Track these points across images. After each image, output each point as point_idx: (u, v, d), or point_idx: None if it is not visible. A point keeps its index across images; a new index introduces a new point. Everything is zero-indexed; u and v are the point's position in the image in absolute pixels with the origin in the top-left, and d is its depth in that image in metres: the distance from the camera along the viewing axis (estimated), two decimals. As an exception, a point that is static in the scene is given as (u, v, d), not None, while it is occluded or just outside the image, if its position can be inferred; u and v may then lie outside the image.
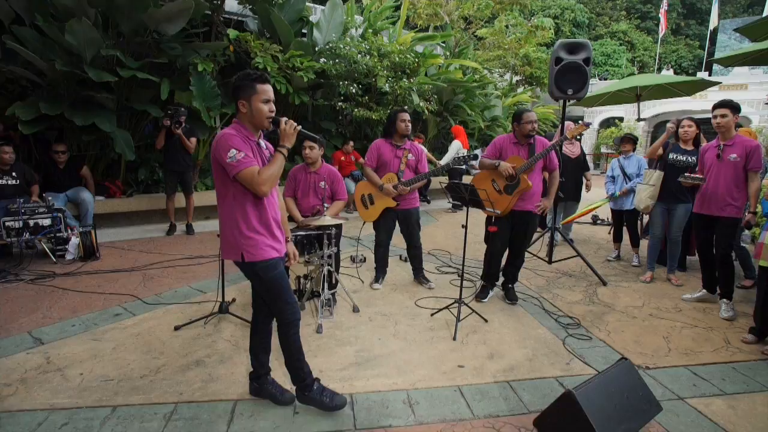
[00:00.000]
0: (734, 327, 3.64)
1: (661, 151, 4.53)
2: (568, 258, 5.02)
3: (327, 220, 3.49)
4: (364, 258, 5.16)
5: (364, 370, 2.84)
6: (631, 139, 5.58)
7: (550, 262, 5.02)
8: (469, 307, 3.63)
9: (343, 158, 8.13)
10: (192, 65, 6.19)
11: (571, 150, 5.77)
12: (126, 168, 6.71)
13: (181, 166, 5.87)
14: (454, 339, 3.28)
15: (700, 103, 15.18)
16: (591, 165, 7.04)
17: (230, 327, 3.40)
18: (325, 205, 3.82)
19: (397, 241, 4.71)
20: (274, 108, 2.19)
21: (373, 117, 7.85)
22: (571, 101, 5.02)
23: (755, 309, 3.45)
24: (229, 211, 2.17)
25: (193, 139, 5.86)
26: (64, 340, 3.13)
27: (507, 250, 4.08)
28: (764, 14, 14.95)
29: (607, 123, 20.23)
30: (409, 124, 4.13)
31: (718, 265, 3.93)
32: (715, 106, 3.84)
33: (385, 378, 2.76)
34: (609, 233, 6.70)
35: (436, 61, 8.82)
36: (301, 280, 4.02)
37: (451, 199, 3.74)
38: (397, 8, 9.92)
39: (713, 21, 18.09)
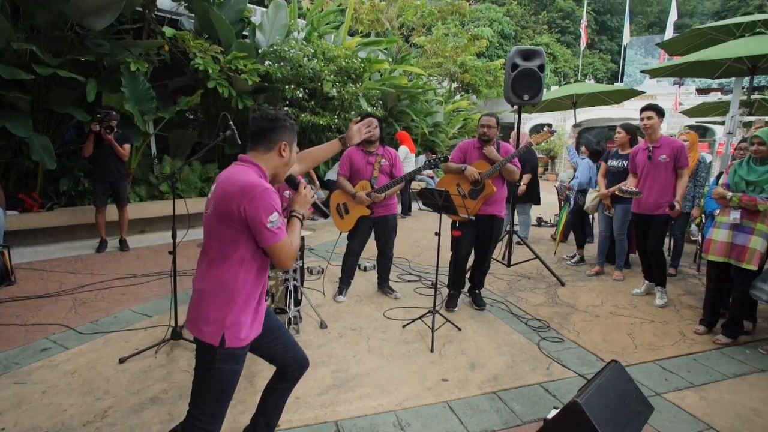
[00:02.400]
0: (685, 320, 3.86)
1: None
2: (526, 261, 5.12)
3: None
4: (323, 269, 4.92)
5: (345, 393, 2.63)
6: (587, 148, 5.88)
7: (508, 265, 5.09)
8: (443, 316, 3.54)
9: (289, 165, 7.79)
10: (123, 65, 5.62)
11: None
12: (44, 178, 5.93)
13: (113, 176, 5.27)
14: (432, 351, 3.17)
15: (618, 111, 16.43)
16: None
17: (186, 354, 3.03)
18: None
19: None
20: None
21: (321, 122, 7.61)
22: (513, 108, 5.12)
23: (705, 301, 3.68)
24: (231, 278, 1.65)
25: (127, 146, 5.30)
26: (-22, 386, 2.62)
27: (471, 255, 4.05)
28: (666, 35, 16.58)
29: (536, 129, 21.41)
30: (376, 131, 3.98)
31: (651, 259, 4.19)
32: (643, 109, 4.10)
33: (369, 399, 2.58)
34: (552, 236, 6.97)
35: (382, 66, 8.77)
36: (261, 297, 3.71)
37: (422, 205, 3.62)
38: (341, 12, 9.77)
39: (626, 37, 19.80)
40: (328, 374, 2.84)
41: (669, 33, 16.27)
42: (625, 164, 4.64)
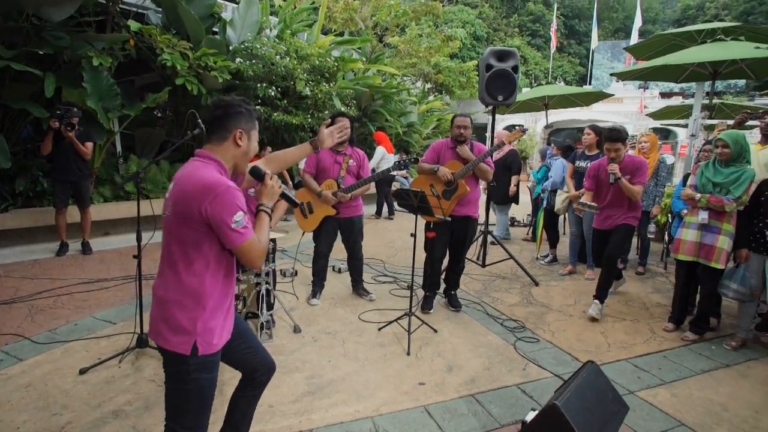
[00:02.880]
0: (654, 318, 3.95)
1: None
2: (501, 261, 5.15)
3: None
4: (296, 271, 4.81)
5: (319, 400, 2.56)
6: (560, 148, 5.94)
7: (483, 265, 5.11)
8: (419, 319, 3.51)
9: (261, 165, 7.63)
10: (85, 59, 5.35)
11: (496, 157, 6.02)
12: (-2, 178, 5.59)
13: (75, 175, 5.01)
14: (408, 354, 3.12)
15: (587, 113, 16.89)
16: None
17: (153, 363, 2.89)
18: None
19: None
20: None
21: (294, 122, 7.47)
22: (486, 109, 5.15)
23: (673, 299, 3.77)
24: (196, 284, 1.53)
25: (89, 144, 5.05)
26: None
27: (446, 256, 4.04)
28: (632, 40, 17.13)
29: (508, 129, 21.74)
30: (347, 130, 3.92)
31: (603, 263, 3.95)
32: (611, 141, 3.79)
33: (345, 406, 2.51)
34: (528, 234, 7.06)
35: (356, 65, 8.70)
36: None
37: (397, 206, 3.59)
38: (314, 10, 9.64)
39: (594, 42, 20.36)
40: (302, 381, 2.75)
41: (634, 38, 16.84)
42: (589, 164, 4.70)
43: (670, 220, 5.33)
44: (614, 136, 3.80)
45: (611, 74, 8.23)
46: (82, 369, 2.76)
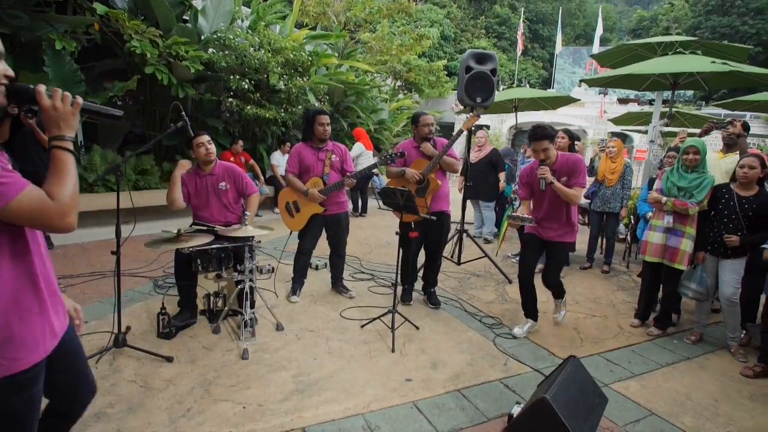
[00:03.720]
0: (621, 314, 4.17)
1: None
2: (475, 259, 5.27)
3: (249, 230, 3.08)
4: (272, 268, 4.74)
5: (309, 398, 2.56)
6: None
7: (458, 263, 5.22)
8: (402, 316, 3.55)
9: (232, 159, 7.44)
10: (46, 42, 5.05)
11: (477, 156, 6.19)
12: (-55, 166, 5.19)
13: (36, 165, 4.68)
14: (393, 351, 3.16)
15: (551, 116, 17.49)
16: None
17: (132, 363, 2.79)
18: (246, 213, 3.38)
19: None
20: (10, 71, 1.23)
21: (267, 115, 7.34)
22: (457, 109, 5.27)
23: (639, 297, 4.00)
24: None
25: (50, 133, 4.77)
26: None
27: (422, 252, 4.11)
28: (594, 47, 17.87)
29: (475, 129, 22.22)
30: (328, 128, 3.91)
31: (552, 288, 3.69)
32: (535, 139, 3.26)
33: (335, 403, 2.52)
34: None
35: (330, 61, 8.63)
36: (212, 299, 3.52)
37: (382, 204, 3.60)
38: (287, 2, 9.48)
39: (558, 46, 21.06)
40: (289, 379, 2.74)
41: (596, 45, 17.56)
42: None
43: (633, 222, 5.62)
44: (539, 133, 3.22)
45: (581, 80, 8.58)
46: (55, 370, 2.62)
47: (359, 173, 4.02)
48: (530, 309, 3.65)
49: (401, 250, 3.51)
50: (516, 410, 2.41)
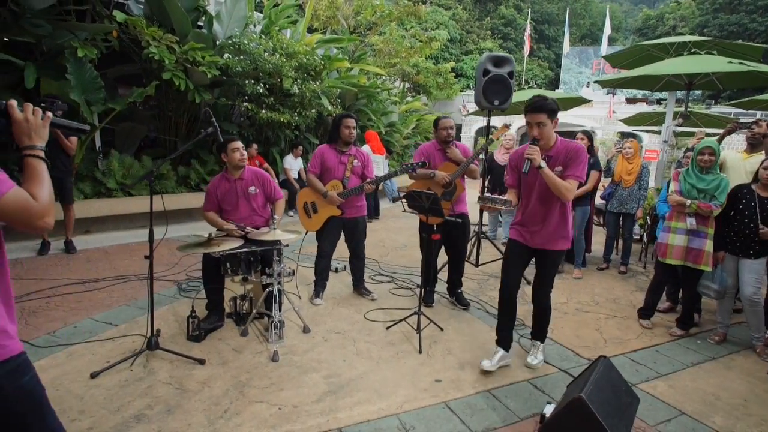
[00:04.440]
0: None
1: None
2: (494, 261, 5.29)
3: (278, 233, 3.13)
4: (293, 270, 4.78)
5: (342, 399, 2.59)
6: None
7: (477, 265, 5.24)
8: (427, 318, 3.58)
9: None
10: (69, 49, 5.13)
11: (504, 158, 6.19)
12: (-30, 173, 5.28)
13: (59, 171, 4.80)
14: (420, 352, 3.19)
15: (559, 117, 17.47)
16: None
17: (165, 366, 2.84)
18: (272, 217, 3.42)
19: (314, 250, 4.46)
20: None
21: (281, 119, 7.40)
22: (465, 112, 5.30)
23: (648, 295, 3.98)
24: None
25: (74, 139, 4.84)
26: None
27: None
28: (602, 47, 17.83)
29: (481, 132, 22.22)
30: (354, 131, 3.95)
31: (535, 308, 3.13)
32: (531, 111, 2.69)
33: (369, 404, 2.55)
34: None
35: (342, 64, 8.69)
36: (238, 302, 3.57)
37: (407, 207, 3.63)
38: (298, 7, 9.55)
39: (566, 47, 21.02)
40: (321, 380, 2.78)
41: (604, 45, 17.53)
42: None
43: (650, 222, 5.62)
44: (537, 103, 2.66)
45: (595, 81, 8.56)
46: (93, 373, 2.68)
47: (379, 180, 4.06)
48: (505, 336, 3.03)
49: (423, 253, 3.54)
50: (548, 410, 2.43)
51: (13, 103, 1.27)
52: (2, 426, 1.23)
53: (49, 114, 1.33)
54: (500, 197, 2.86)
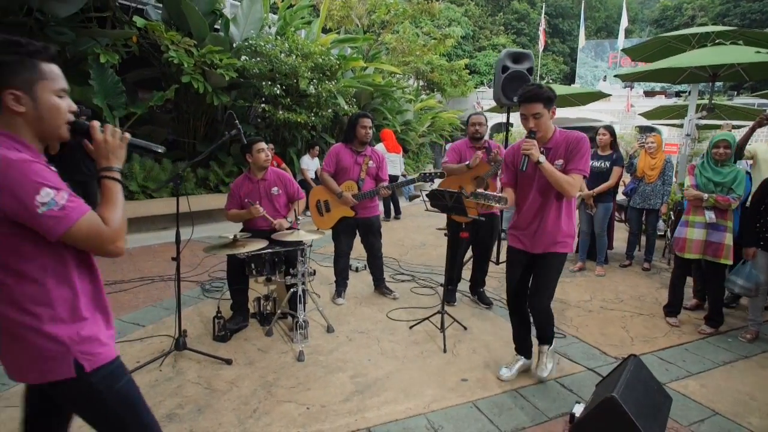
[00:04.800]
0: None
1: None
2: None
3: (301, 234, 3.15)
4: (314, 271, 4.81)
5: (369, 399, 2.60)
6: None
7: (497, 262, 5.20)
8: (451, 317, 3.56)
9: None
10: (91, 56, 5.24)
11: None
12: None
13: (84, 176, 4.85)
14: (445, 351, 3.18)
15: (575, 112, 17.25)
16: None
17: (194, 366, 2.88)
18: (296, 218, 3.44)
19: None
20: (73, 105, 1.31)
21: (298, 120, 7.45)
22: (477, 110, 5.26)
23: (673, 293, 3.90)
24: (38, 295, 1.19)
25: (98, 143, 4.94)
26: (-36, 411, 2.36)
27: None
28: (619, 39, 17.53)
29: (498, 127, 22.03)
30: (370, 131, 3.94)
31: (535, 316, 2.79)
32: (525, 100, 2.43)
33: (396, 404, 2.55)
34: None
35: (357, 63, 8.70)
36: (262, 302, 3.60)
37: (429, 206, 3.62)
38: (312, 8, 9.59)
39: (581, 41, 20.72)
40: (347, 380, 2.79)
41: (621, 38, 17.22)
42: (607, 165, 4.88)
43: (673, 218, 5.51)
44: (531, 92, 2.40)
45: (615, 75, 8.43)
46: (124, 373, 2.73)
47: (396, 185, 4.05)
48: (522, 343, 2.92)
49: (450, 251, 3.52)
50: (578, 409, 2.41)
51: (96, 124, 1.30)
52: (102, 426, 1.34)
53: (127, 135, 1.35)
54: (495, 194, 2.50)
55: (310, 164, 8.46)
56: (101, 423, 1.34)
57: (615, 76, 8.43)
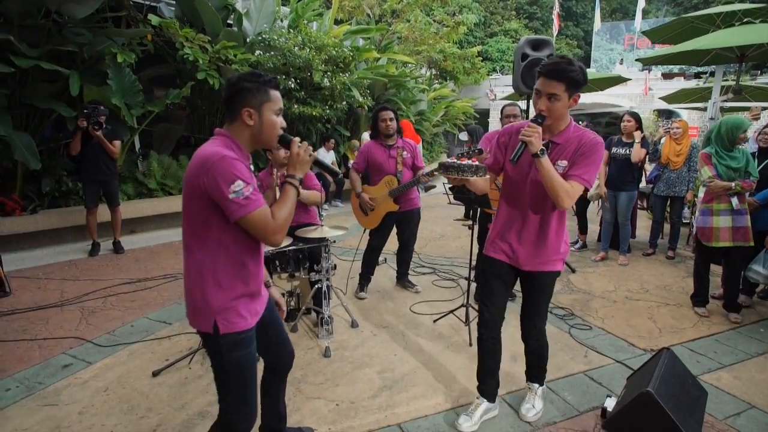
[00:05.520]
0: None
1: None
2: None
3: (325, 230, 3.15)
4: (335, 265, 4.81)
5: (398, 394, 2.60)
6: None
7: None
8: (475, 310, 3.53)
9: (280, 158, 7.60)
10: (108, 55, 5.27)
11: None
12: (24, 178, 5.53)
13: (105, 175, 4.97)
14: (471, 345, 3.17)
15: (590, 97, 16.88)
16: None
17: (222, 363, 2.91)
18: (319, 214, 3.44)
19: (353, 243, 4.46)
20: (284, 122, 1.63)
21: (313, 113, 7.43)
22: (491, 97, 5.15)
23: (700, 283, 3.83)
24: (210, 262, 1.53)
25: (117, 143, 4.99)
26: (2, 412, 2.42)
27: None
28: (636, 21, 17.06)
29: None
30: (391, 123, 3.89)
31: (532, 349, 2.47)
32: (545, 74, 1.92)
33: (425, 399, 2.55)
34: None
35: (370, 54, 8.62)
36: (286, 298, 3.61)
37: (453, 199, 3.58)
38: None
39: (597, 23, 20.23)
40: (375, 376, 2.79)
41: (638, 19, 16.76)
42: (629, 152, 4.77)
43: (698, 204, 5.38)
44: (556, 67, 1.90)
45: (636, 60, 8.21)
46: (154, 371, 2.78)
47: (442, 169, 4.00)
48: (489, 380, 2.38)
49: (480, 243, 3.48)
50: (609, 403, 2.38)
51: (296, 140, 1.61)
52: (216, 380, 1.65)
53: (315, 154, 1.65)
54: (468, 162, 1.94)
55: (325, 157, 8.45)
56: (216, 377, 1.65)
57: (637, 60, 8.21)
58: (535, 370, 2.51)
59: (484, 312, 2.34)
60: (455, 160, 1.97)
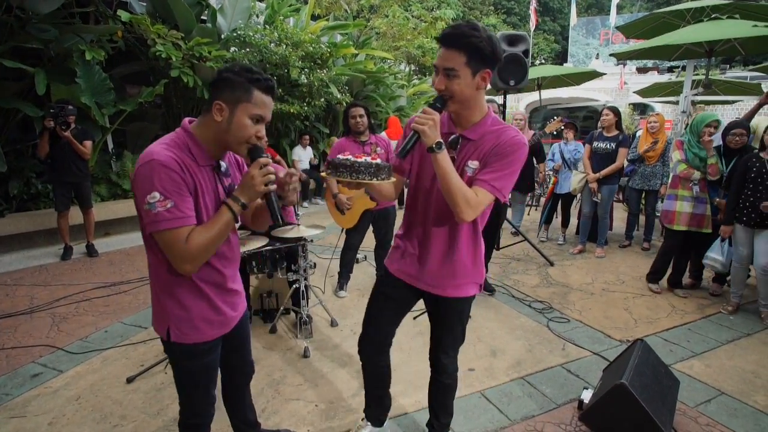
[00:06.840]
0: (670, 292, 4.11)
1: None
2: (514, 244, 5.25)
3: (302, 230, 3.11)
4: (314, 264, 4.78)
5: (377, 392, 2.59)
6: (573, 126, 5.81)
7: (498, 248, 5.19)
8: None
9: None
10: (76, 53, 5.10)
11: None
12: (-11, 182, 5.34)
13: (76, 176, 4.81)
14: (450, 341, 3.17)
15: (567, 91, 17.13)
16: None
17: (199, 367, 2.86)
18: (296, 213, 3.40)
19: (333, 241, 4.45)
20: (263, 134, 1.43)
21: (291, 110, 7.34)
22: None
23: (662, 262, 4.14)
24: (159, 269, 1.45)
25: (88, 143, 4.83)
26: (-30, 423, 2.34)
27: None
28: (611, 16, 17.34)
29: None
30: (360, 119, 3.83)
31: (440, 386, 2.10)
32: (440, 41, 1.51)
33: (405, 397, 2.56)
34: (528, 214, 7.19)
35: (348, 51, 8.55)
36: (264, 298, 3.57)
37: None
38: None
39: (573, 18, 20.48)
40: (354, 375, 2.78)
41: (613, 14, 17.03)
42: (612, 146, 4.80)
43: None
44: (452, 34, 1.46)
45: (610, 54, 8.33)
46: (129, 377, 2.71)
47: None
48: (376, 405, 2.13)
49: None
50: (585, 395, 2.42)
51: (264, 161, 1.39)
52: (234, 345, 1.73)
53: (272, 186, 1.41)
54: (365, 160, 1.48)
55: (302, 155, 8.39)
56: (174, 377, 1.63)
57: (610, 55, 8.34)
58: (443, 414, 2.06)
59: (365, 340, 1.99)
60: (349, 157, 1.49)
